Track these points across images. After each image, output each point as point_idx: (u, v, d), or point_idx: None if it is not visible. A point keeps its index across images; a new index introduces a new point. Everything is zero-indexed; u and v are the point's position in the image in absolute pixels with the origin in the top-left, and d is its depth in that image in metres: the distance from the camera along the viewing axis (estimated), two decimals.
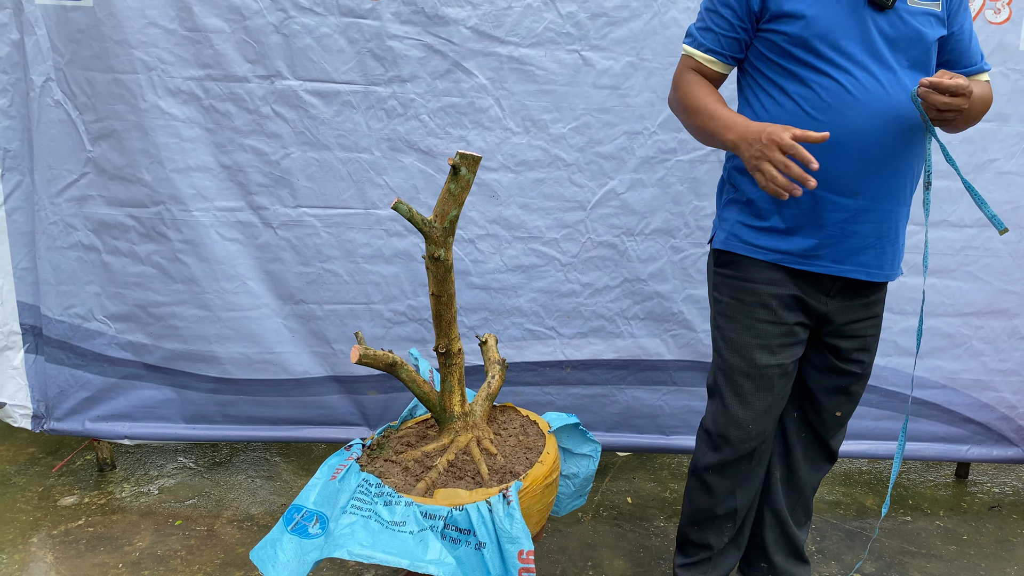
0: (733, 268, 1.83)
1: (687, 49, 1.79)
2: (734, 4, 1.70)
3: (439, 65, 2.48)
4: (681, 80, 1.78)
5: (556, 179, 2.60)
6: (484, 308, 2.70)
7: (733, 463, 1.94)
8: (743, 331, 1.83)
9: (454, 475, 1.79)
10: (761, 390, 1.85)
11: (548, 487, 1.79)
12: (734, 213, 1.83)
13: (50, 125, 2.50)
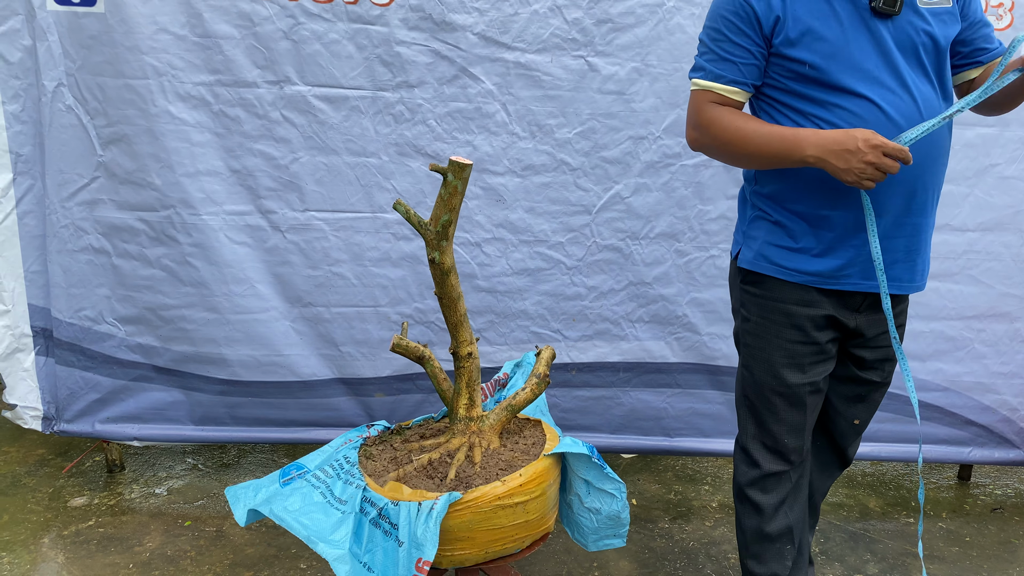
0: (762, 287, 1.79)
1: (703, 84, 1.68)
2: (747, 30, 1.63)
3: (446, 71, 2.50)
4: (708, 118, 1.67)
5: (562, 183, 2.62)
6: (490, 311, 2.72)
7: (774, 476, 1.89)
8: (773, 351, 1.80)
9: (427, 474, 1.83)
10: (794, 406, 1.83)
11: (504, 508, 1.73)
12: (762, 232, 1.78)
13: (61, 130, 2.52)
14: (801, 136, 1.57)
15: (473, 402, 1.93)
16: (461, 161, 1.72)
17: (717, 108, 1.67)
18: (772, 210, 1.75)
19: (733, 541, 2.64)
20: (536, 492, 1.77)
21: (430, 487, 1.78)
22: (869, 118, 1.59)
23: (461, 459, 1.86)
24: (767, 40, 1.63)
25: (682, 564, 2.50)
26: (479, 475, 1.79)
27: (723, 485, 3.00)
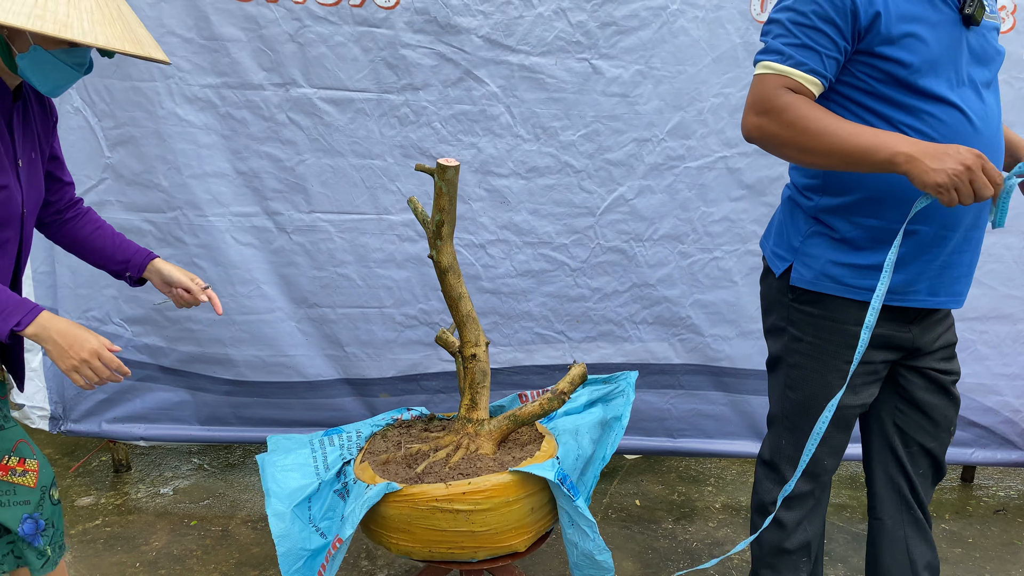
0: (821, 307, 1.70)
1: (779, 68, 1.52)
2: (839, 21, 1.49)
3: (451, 73, 2.52)
4: (784, 104, 1.52)
5: (566, 185, 2.64)
6: (494, 312, 2.74)
7: (803, 496, 1.82)
8: (828, 372, 1.72)
9: (407, 463, 1.87)
10: (840, 429, 1.77)
11: (442, 512, 1.71)
12: (824, 250, 1.67)
13: (69, 132, 2.54)
14: (890, 135, 1.45)
15: (475, 404, 1.93)
16: (443, 163, 1.75)
17: (793, 95, 1.53)
18: (839, 225, 1.65)
19: (736, 541, 2.65)
20: (485, 505, 1.71)
21: (400, 475, 1.80)
22: (958, 128, 1.52)
23: (440, 456, 1.87)
24: (857, 36, 1.51)
25: (685, 564, 2.51)
26: (448, 475, 1.79)
27: (726, 486, 3.01)
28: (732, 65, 2.53)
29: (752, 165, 2.62)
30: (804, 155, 1.54)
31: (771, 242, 1.80)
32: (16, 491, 1.64)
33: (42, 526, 1.68)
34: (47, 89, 1.53)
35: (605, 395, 2.09)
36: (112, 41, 1.42)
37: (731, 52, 2.52)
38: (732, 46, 2.51)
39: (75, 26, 1.40)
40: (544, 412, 1.89)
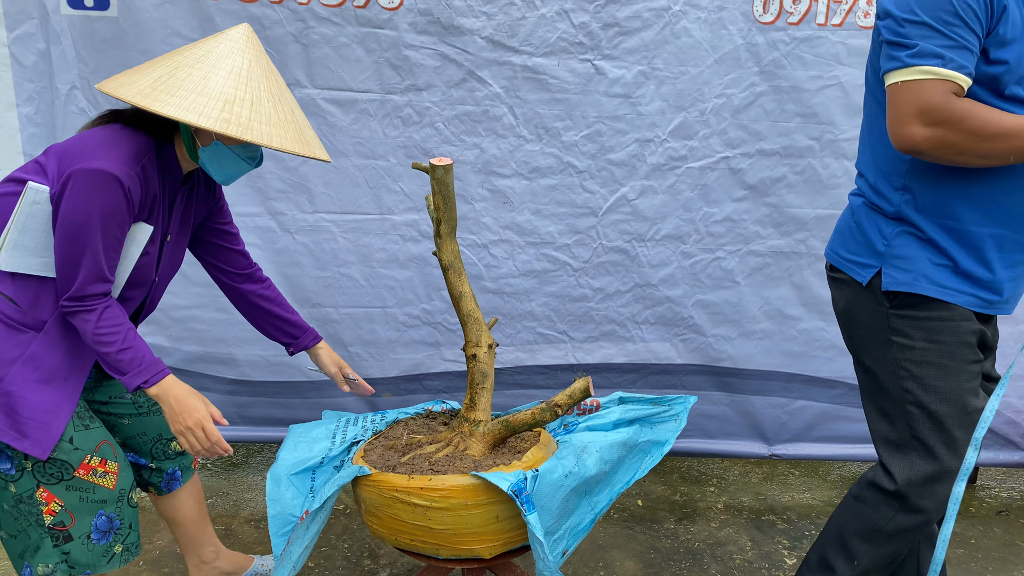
0: (924, 309, 1.63)
1: (944, 73, 1.43)
2: (982, 18, 1.43)
3: (454, 74, 2.53)
4: (962, 111, 1.43)
5: (568, 185, 2.64)
6: (497, 312, 2.74)
7: (928, 523, 1.70)
8: (953, 376, 1.63)
9: (401, 452, 1.91)
10: (968, 438, 1.66)
11: (401, 503, 1.74)
12: (916, 250, 1.63)
13: (74, 132, 2.55)
14: None
15: (473, 404, 1.93)
16: (434, 162, 1.78)
17: (965, 101, 1.45)
18: (926, 226, 1.61)
19: (739, 542, 2.65)
20: (441, 504, 1.71)
21: (389, 462, 1.84)
22: None
23: (429, 450, 1.89)
24: (987, 33, 1.46)
25: (687, 564, 2.52)
26: (423, 468, 1.81)
27: (728, 487, 3.01)
28: (734, 66, 2.54)
29: (754, 166, 2.63)
30: (982, 159, 1.48)
31: (844, 252, 1.73)
32: (95, 491, 1.74)
33: (117, 526, 1.79)
34: (222, 179, 1.75)
35: (648, 416, 1.99)
36: (284, 143, 1.62)
37: (733, 53, 2.53)
38: (735, 47, 2.52)
39: (255, 128, 1.60)
40: (536, 421, 1.84)
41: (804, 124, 2.58)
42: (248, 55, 1.68)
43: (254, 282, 2.07)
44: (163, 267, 1.84)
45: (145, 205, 1.69)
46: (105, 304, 1.65)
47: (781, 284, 2.74)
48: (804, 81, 2.54)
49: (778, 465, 3.17)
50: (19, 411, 1.65)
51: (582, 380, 1.78)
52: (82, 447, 1.71)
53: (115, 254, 1.65)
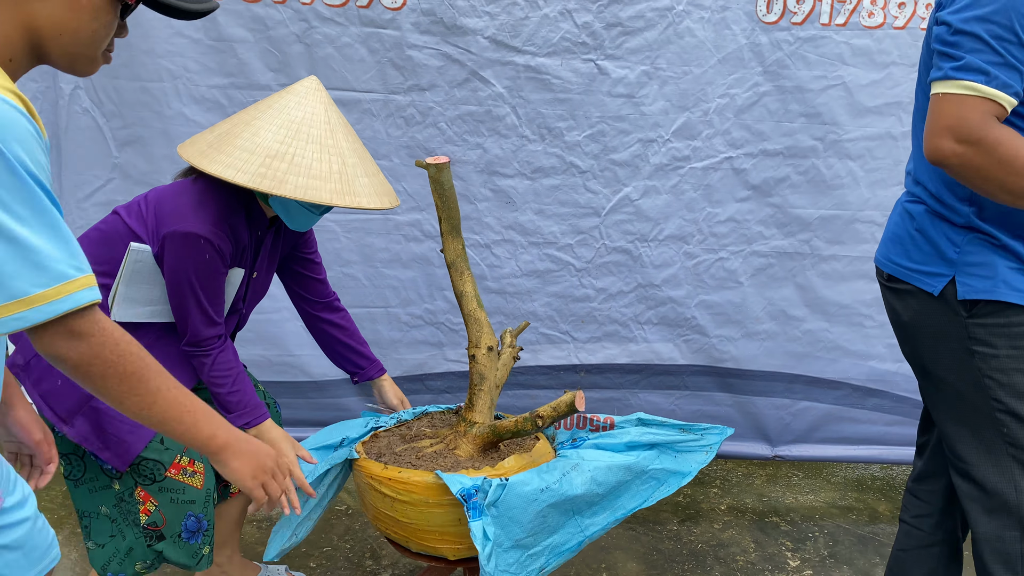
0: (1004, 316, 1.56)
1: (983, 89, 1.38)
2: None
3: (457, 74, 2.53)
4: (997, 138, 1.38)
5: (571, 186, 2.64)
6: (499, 312, 2.74)
7: None
8: None
9: (406, 441, 1.96)
10: None
11: (375, 491, 1.79)
12: (992, 256, 1.56)
13: (78, 132, 2.56)
14: None
15: (471, 405, 1.93)
16: (430, 161, 1.81)
17: (1004, 128, 1.40)
18: (998, 233, 1.56)
19: (742, 543, 2.64)
20: (405, 497, 1.74)
21: (391, 451, 1.90)
22: None
23: (424, 444, 1.92)
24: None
25: (690, 566, 2.51)
26: (408, 461, 1.84)
27: (731, 488, 3.00)
28: (738, 66, 2.53)
29: (758, 166, 2.62)
30: (1007, 194, 1.43)
31: (906, 262, 1.66)
32: (185, 491, 1.83)
33: (204, 526, 1.86)
34: (294, 226, 1.87)
35: (673, 443, 1.89)
36: (323, 195, 1.69)
37: (737, 53, 2.52)
38: (738, 47, 2.52)
39: (290, 182, 1.68)
40: (518, 430, 1.80)
41: (808, 124, 2.58)
42: (307, 107, 1.78)
43: (331, 311, 2.16)
44: (250, 298, 1.99)
45: (237, 255, 1.84)
46: (220, 348, 1.83)
47: (785, 285, 2.73)
48: (808, 81, 2.53)
49: (781, 466, 3.16)
50: (105, 428, 1.78)
51: (570, 394, 1.71)
52: (172, 447, 1.81)
53: (218, 300, 1.82)
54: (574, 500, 1.74)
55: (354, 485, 2.05)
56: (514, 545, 1.70)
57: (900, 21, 2.49)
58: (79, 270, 0.96)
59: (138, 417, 1.08)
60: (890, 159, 2.61)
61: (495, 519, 1.68)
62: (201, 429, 1.15)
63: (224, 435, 1.19)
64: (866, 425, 2.85)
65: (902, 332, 1.73)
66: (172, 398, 1.10)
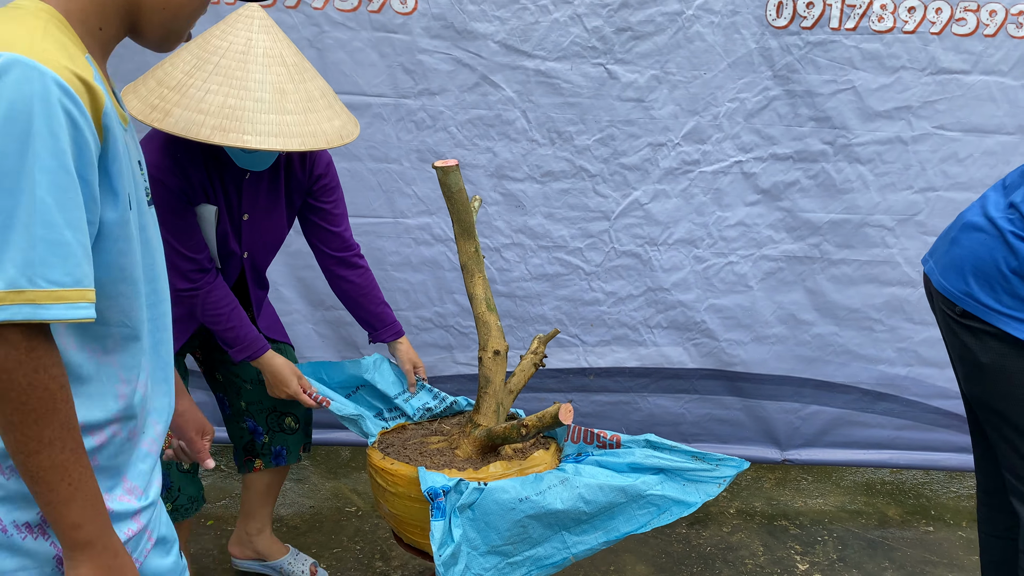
0: None
1: None
2: None
3: (467, 78, 2.54)
4: None
5: (580, 189, 2.65)
6: (509, 315, 2.75)
7: None
8: None
9: (415, 433, 2.04)
10: None
11: (372, 476, 1.89)
12: None
13: None
14: None
15: (478, 407, 1.95)
16: (439, 164, 1.84)
17: None
18: None
19: (750, 547, 2.64)
20: (392, 489, 1.80)
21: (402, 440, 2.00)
22: None
23: (432, 439, 1.97)
24: None
25: (699, 569, 2.51)
26: (409, 455, 1.89)
27: (740, 492, 3.00)
28: (747, 70, 2.54)
29: (767, 170, 2.62)
30: None
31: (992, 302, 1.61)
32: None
33: (168, 484, 1.96)
34: (239, 163, 1.84)
35: (684, 470, 1.83)
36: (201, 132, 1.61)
37: (747, 57, 2.53)
38: (748, 51, 2.52)
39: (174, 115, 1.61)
40: (507, 436, 1.80)
41: (818, 128, 2.58)
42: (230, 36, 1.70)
43: (346, 267, 2.12)
44: (247, 242, 1.97)
45: (193, 189, 1.82)
46: (208, 286, 1.87)
47: (794, 289, 2.73)
48: (818, 85, 2.53)
49: (791, 470, 3.16)
50: None
51: (556, 406, 1.67)
52: None
53: (186, 235, 1.82)
54: (557, 515, 1.72)
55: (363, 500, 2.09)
56: (491, 550, 1.70)
57: (910, 25, 2.49)
58: (30, 282, 0.86)
59: (12, 457, 0.91)
60: (900, 163, 2.61)
61: (471, 521, 1.68)
62: (70, 512, 0.94)
63: (91, 534, 0.96)
64: (876, 429, 2.85)
65: (976, 372, 1.67)
66: (60, 461, 0.91)
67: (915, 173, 2.62)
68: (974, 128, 2.58)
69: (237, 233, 1.94)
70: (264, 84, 1.67)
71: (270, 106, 1.66)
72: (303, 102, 1.72)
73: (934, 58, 2.51)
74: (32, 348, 0.88)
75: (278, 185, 1.97)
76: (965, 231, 1.67)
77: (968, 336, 1.64)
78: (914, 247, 2.68)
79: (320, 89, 1.80)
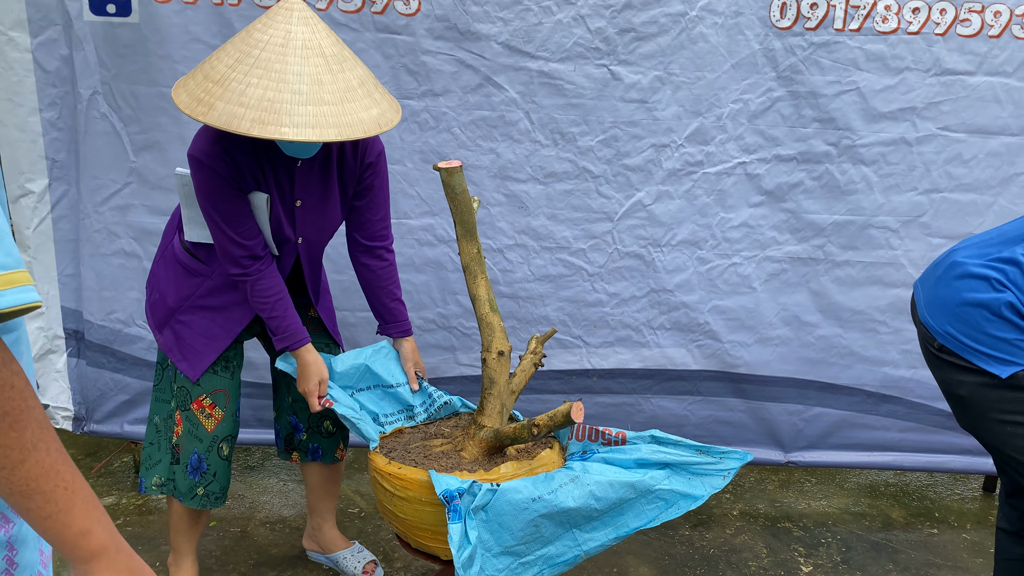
0: None
1: None
2: None
3: (471, 79, 2.54)
4: None
5: (584, 190, 2.65)
6: (512, 317, 2.75)
7: None
8: None
9: (422, 438, 2.05)
10: None
11: (377, 483, 1.89)
12: None
13: (96, 136, 2.59)
14: None
15: (482, 408, 1.94)
16: (442, 166, 1.85)
17: None
18: None
19: (754, 549, 2.64)
20: (401, 493, 1.81)
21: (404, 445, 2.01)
22: None
23: (435, 442, 1.97)
24: None
25: (702, 571, 2.50)
26: (413, 458, 1.89)
27: (744, 493, 2.99)
28: (751, 71, 2.53)
29: (771, 171, 2.62)
30: None
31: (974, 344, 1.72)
32: (197, 427, 2.06)
33: (204, 468, 2.08)
34: (286, 151, 1.89)
35: (688, 464, 1.84)
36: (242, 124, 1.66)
37: (750, 58, 2.52)
38: (751, 52, 2.52)
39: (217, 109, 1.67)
40: (516, 436, 1.80)
41: (821, 129, 2.57)
42: (271, 30, 1.74)
43: (372, 257, 2.16)
44: (301, 228, 2.03)
45: (243, 176, 1.88)
46: (259, 274, 1.95)
47: (798, 290, 2.73)
48: (821, 86, 2.53)
49: (794, 472, 3.15)
50: (185, 337, 2.04)
51: (567, 404, 1.68)
52: (203, 386, 2.06)
53: (236, 221, 1.89)
54: (569, 513, 1.73)
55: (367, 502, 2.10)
56: (504, 551, 1.70)
57: (914, 26, 2.48)
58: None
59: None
60: (904, 164, 2.61)
61: (484, 523, 1.68)
62: (74, 518, 0.83)
63: (102, 538, 0.86)
64: (880, 431, 2.84)
65: (959, 405, 1.79)
66: (49, 464, 0.80)
67: (919, 174, 2.62)
68: (979, 129, 2.57)
69: (291, 219, 2.00)
70: (302, 76, 1.71)
71: (307, 97, 1.70)
72: (340, 92, 1.75)
73: (938, 59, 2.51)
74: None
75: (330, 173, 2.01)
76: (952, 270, 1.78)
77: (947, 369, 1.77)
78: (919, 249, 2.68)
79: (359, 78, 1.82)
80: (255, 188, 1.92)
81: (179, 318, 2.05)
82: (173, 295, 2.07)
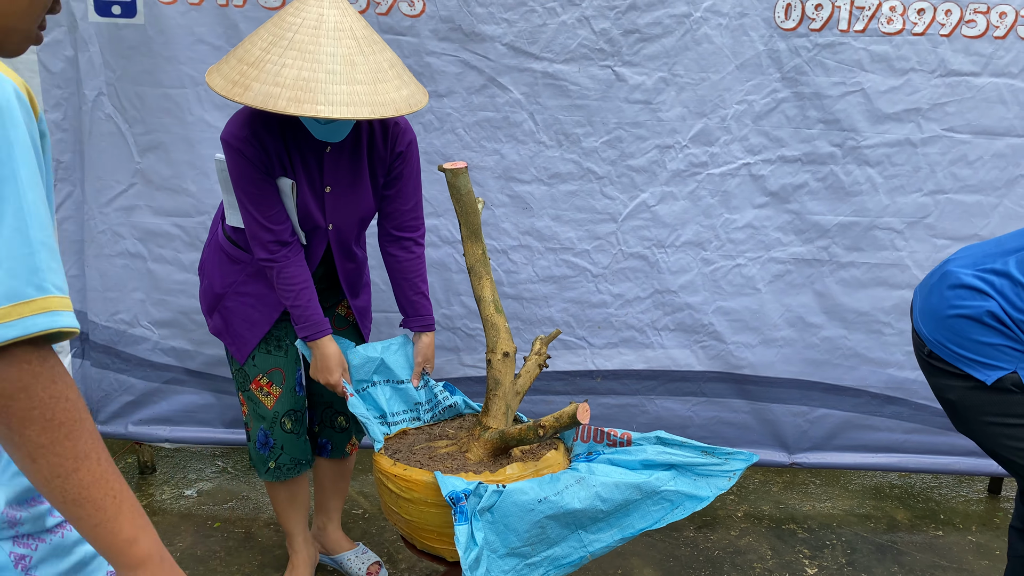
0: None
1: None
2: None
3: (475, 80, 2.54)
4: None
5: (588, 191, 2.65)
6: (516, 318, 2.75)
7: None
8: None
9: (427, 438, 2.05)
10: None
11: (383, 485, 1.88)
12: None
13: (101, 138, 2.59)
14: None
15: (487, 410, 1.94)
16: (446, 167, 1.85)
17: None
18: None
19: (758, 550, 2.63)
20: (406, 495, 1.80)
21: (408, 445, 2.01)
22: None
23: (439, 443, 1.97)
24: None
25: (707, 573, 2.50)
26: (417, 459, 1.89)
27: (748, 495, 2.99)
28: (756, 72, 2.53)
29: (776, 172, 2.62)
30: None
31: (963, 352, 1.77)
32: (259, 405, 2.14)
33: (271, 443, 2.15)
34: (316, 135, 1.91)
35: (694, 465, 1.83)
36: (279, 103, 1.69)
37: (755, 59, 2.52)
38: (756, 53, 2.52)
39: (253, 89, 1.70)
40: (522, 437, 1.79)
41: (826, 131, 2.57)
42: (303, 13, 1.77)
43: (399, 248, 2.16)
44: (331, 215, 2.03)
45: (270, 160, 1.90)
46: (285, 260, 1.96)
47: (803, 291, 2.72)
48: (826, 87, 2.53)
49: (799, 474, 3.14)
50: (231, 322, 2.11)
51: (573, 405, 1.68)
52: (259, 366, 2.12)
53: (265, 205, 1.91)
54: (575, 514, 1.73)
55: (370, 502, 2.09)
56: (510, 552, 1.70)
57: (919, 27, 2.48)
58: (40, 289, 0.81)
59: (48, 486, 0.84)
60: (909, 165, 2.60)
61: (490, 525, 1.68)
62: (123, 527, 0.87)
63: (148, 546, 0.90)
64: (884, 433, 2.84)
65: (951, 410, 1.85)
66: (100, 473, 0.85)
67: (924, 176, 2.61)
68: (984, 130, 2.57)
69: (320, 205, 2.01)
70: (335, 56, 1.75)
71: (341, 77, 1.74)
72: (372, 72, 1.78)
73: (943, 60, 2.51)
74: (44, 358, 0.83)
75: (360, 159, 2.02)
76: (944, 280, 1.83)
77: (938, 375, 1.83)
78: (923, 250, 2.67)
79: (389, 60, 1.85)
80: (282, 173, 1.93)
81: (225, 304, 2.10)
82: (219, 282, 2.12)
